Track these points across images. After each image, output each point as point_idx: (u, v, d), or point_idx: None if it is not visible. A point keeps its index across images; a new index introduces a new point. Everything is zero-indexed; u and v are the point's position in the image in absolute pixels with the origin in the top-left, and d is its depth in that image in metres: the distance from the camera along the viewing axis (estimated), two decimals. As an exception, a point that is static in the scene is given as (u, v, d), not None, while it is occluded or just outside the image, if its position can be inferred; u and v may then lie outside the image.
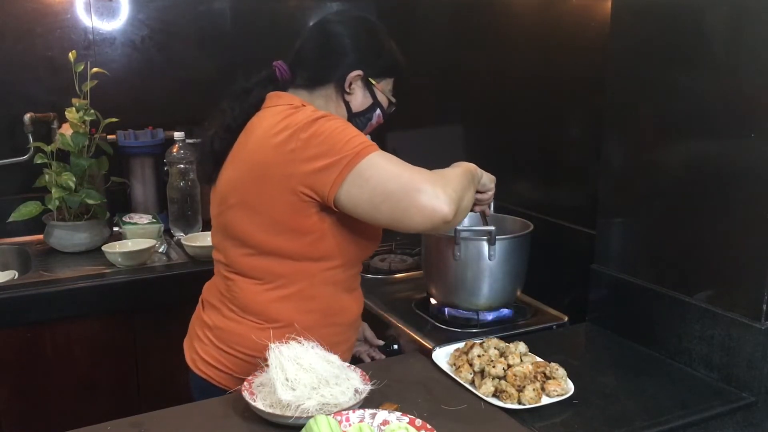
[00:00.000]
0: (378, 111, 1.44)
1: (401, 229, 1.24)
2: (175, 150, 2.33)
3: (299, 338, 1.21)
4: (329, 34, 1.40)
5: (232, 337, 1.37)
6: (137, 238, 2.24)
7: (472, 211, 1.55)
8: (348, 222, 1.32)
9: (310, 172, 1.23)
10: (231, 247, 1.37)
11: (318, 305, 1.37)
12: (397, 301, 1.84)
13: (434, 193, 1.18)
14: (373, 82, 1.41)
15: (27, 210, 2.13)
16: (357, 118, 1.42)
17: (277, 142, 1.25)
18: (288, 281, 1.35)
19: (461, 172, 1.33)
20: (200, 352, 1.42)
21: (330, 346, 1.27)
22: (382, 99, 1.44)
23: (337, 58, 1.39)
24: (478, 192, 1.46)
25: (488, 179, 1.47)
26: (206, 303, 1.46)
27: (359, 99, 1.42)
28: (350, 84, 1.39)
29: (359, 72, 1.39)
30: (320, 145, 1.22)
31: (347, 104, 1.41)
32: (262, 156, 1.28)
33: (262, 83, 1.40)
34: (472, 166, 1.40)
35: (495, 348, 1.36)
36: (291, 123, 1.26)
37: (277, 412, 1.12)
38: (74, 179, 2.12)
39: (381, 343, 1.68)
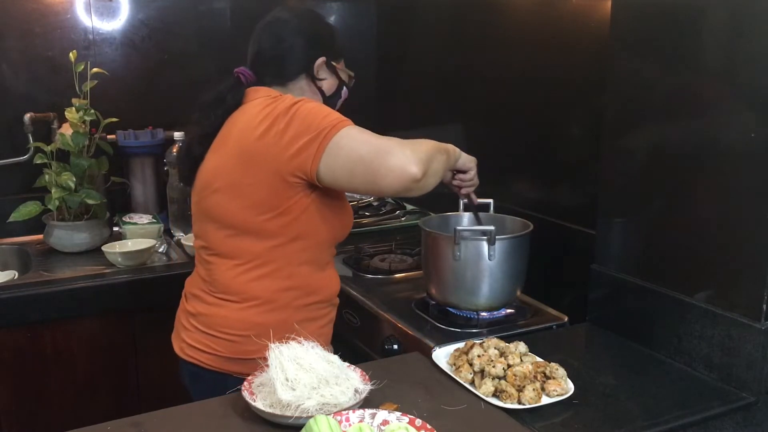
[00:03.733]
0: (344, 88, 1.57)
1: (377, 193, 1.37)
2: (175, 150, 2.32)
3: (298, 338, 1.21)
4: (286, 31, 1.48)
5: (216, 320, 1.43)
6: (137, 238, 2.24)
7: (458, 195, 1.67)
8: (323, 204, 1.41)
9: (294, 153, 1.31)
10: (212, 230, 1.44)
11: (295, 283, 1.44)
12: (397, 301, 1.84)
13: (403, 154, 1.28)
14: (335, 64, 1.53)
15: (27, 210, 2.13)
16: (330, 100, 1.53)
17: (260, 132, 1.33)
18: (265, 260, 1.41)
19: (431, 141, 1.43)
20: (187, 339, 1.48)
21: (308, 321, 1.43)
22: (344, 77, 1.57)
23: (301, 51, 1.48)
24: (458, 171, 1.58)
25: (467, 159, 1.58)
26: (188, 294, 1.54)
27: (329, 83, 1.53)
28: (318, 71, 1.50)
29: (323, 58, 1.50)
30: (299, 126, 1.31)
31: (321, 90, 1.51)
32: (247, 146, 1.35)
33: (233, 90, 1.44)
34: (448, 145, 1.50)
35: (495, 348, 1.36)
36: (272, 112, 1.34)
37: (277, 412, 1.12)
38: (74, 179, 2.12)
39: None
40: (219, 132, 1.43)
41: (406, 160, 1.28)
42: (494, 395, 1.24)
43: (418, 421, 1.10)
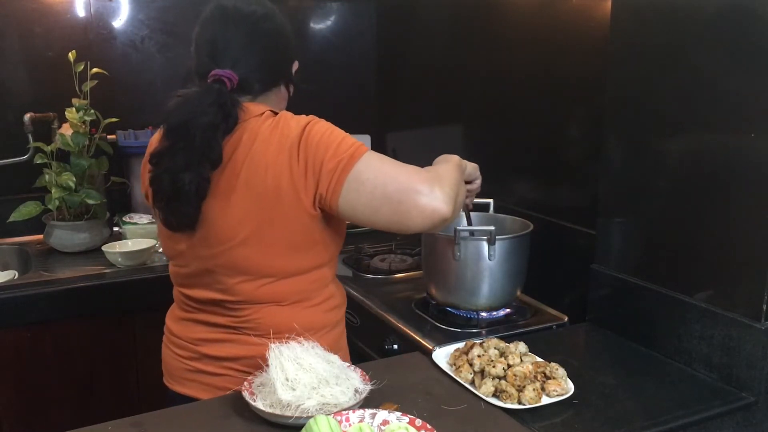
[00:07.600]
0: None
1: (399, 231, 1.23)
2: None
3: (299, 338, 1.21)
4: (278, 32, 1.35)
5: None
6: (137, 238, 2.24)
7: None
8: (336, 221, 1.32)
9: (314, 183, 1.22)
10: (241, 282, 1.28)
11: (336, 301, 1.40)
12: (397, 301, 1.84)
13: (432, 193, 1.18)
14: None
15: (27, 210, 2.13)
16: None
17: (279, 168, 1.22)
18: (312, 293, 1.34)
19: (452, 167, 1.32)
20: (231, 385, 1.30)
21: (340, 334, 1.41)
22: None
23: (291, 54, 1.39)
24: (466, 183, 1.47)
25: (473, 168, 1.48)
26: (195, 340, 1.36)
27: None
28: (293, 74, 1.40)
29: (296, 61, 1.41)
30: (314, 156, 1.21)
31: (289, 94, 1.41)
32: (268, 187, 1.22)
33: (233, 102, 1.25)
34: (457, 158, 1.39)
35: (495, 348, 1.36)
36: (282, 140, 1.23)
37: (277, 412, 1.12)
38: (74, 179, 2.13)
39: None
40: None
41: (437, 200, 1.17)
42: (494, 395, 1.24)
43: (418, 421, 1.10)
